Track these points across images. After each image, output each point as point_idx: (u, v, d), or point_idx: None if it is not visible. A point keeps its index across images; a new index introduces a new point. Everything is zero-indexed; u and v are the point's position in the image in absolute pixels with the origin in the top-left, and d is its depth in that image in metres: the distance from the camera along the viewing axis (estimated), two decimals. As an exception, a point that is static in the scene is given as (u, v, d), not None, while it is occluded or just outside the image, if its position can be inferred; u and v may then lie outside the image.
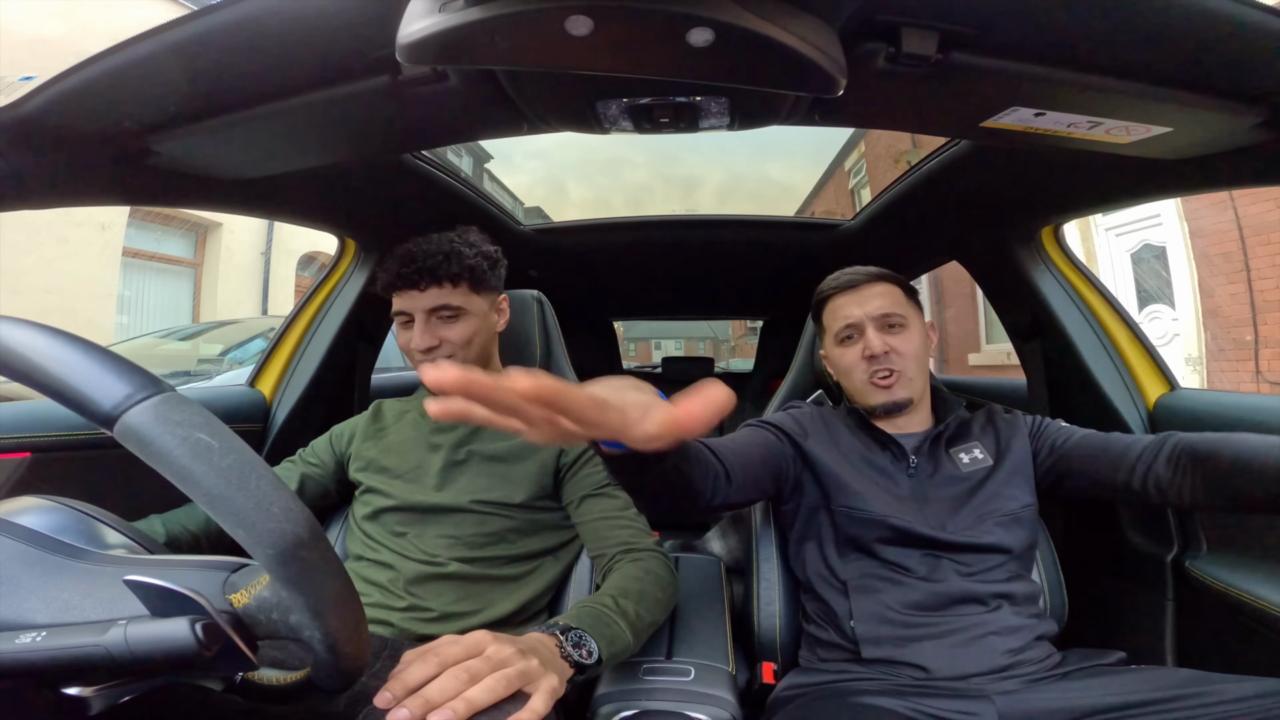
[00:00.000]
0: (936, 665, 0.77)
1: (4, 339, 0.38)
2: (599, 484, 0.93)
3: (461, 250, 0.93)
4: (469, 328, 0.93)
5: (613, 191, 15.34)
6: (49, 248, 4.57)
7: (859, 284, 0.97)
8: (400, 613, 0.85)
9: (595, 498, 0.92)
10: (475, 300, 0.95)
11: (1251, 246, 3.91)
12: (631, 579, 0.80)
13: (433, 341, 0.91)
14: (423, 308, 0.92)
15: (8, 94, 0.65)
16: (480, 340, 0.96)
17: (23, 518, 0.44)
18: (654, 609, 0.79)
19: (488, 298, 0.98)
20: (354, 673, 0.45)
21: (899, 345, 0.93)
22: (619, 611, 0.73)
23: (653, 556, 0.86)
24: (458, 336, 0.92)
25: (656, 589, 0.81)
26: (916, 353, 0.94)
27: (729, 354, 10.51)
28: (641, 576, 0.81)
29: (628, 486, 0.69)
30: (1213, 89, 0.63)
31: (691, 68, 0.56)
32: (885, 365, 0.92)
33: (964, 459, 0.93)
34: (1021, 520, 0.88)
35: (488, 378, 0.35)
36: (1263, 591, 0.84)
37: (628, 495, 0.89)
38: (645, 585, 0.80)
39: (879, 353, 0.92)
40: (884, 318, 0.94)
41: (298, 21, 0.57)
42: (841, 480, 0.90)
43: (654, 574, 0.83)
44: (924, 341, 0.96)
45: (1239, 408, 0.96)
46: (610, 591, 0.77)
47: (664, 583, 0.83)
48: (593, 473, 0.94)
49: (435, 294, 0.91)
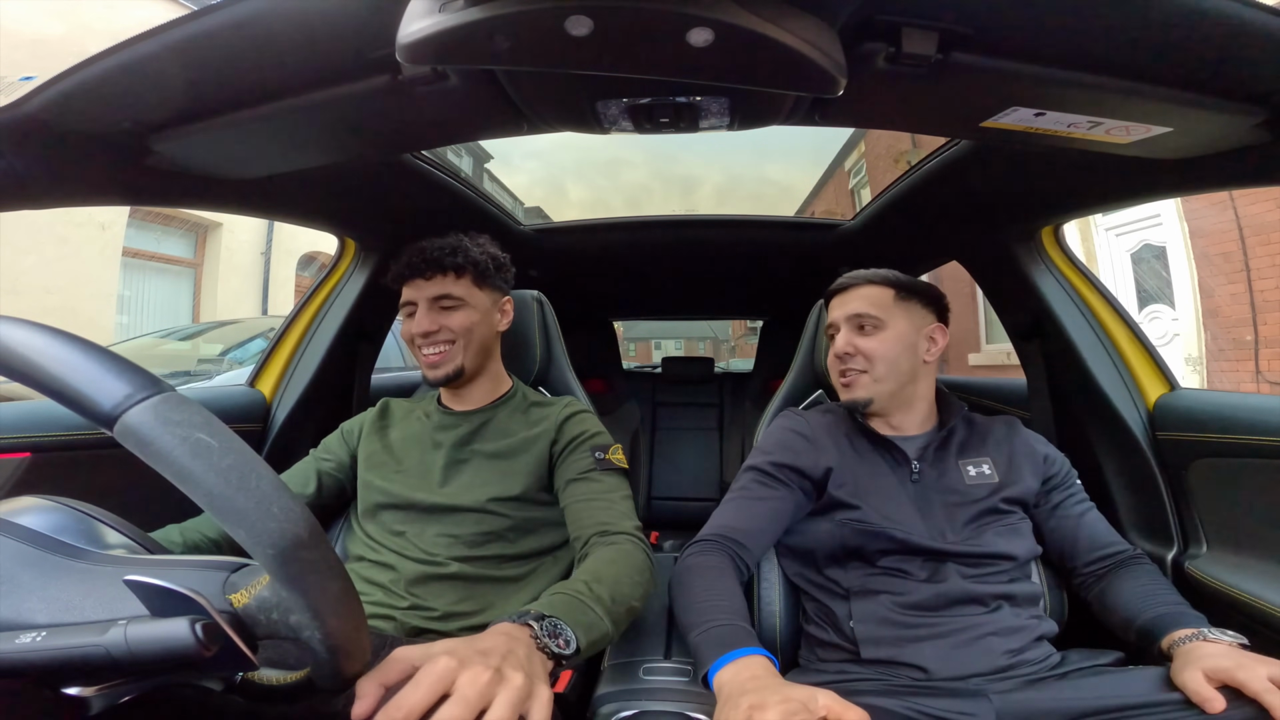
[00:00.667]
0: (935, 666, 0.77)
1: (4, 339, 0.38)
2: (584, 469, 0.93)
3: (469, 247, 0.98)
4: (468, 318, 0.96)
5: (611, 192, 15.35)
6: (49, 248, 4.57)
7: (849, 286, 0.99)
8: (403, 611, 0.86)
9: (578, 482, 0.92)
10: (477, 294, 0.98)
11: (1251, 246, 3.91)
12: (605, 562, 0.78)
13: (432, 326, 0.94)
14: (426, 296, 0.95)
15: (8, 94, 0.65)
16: (480, 334, 0.98)
17: (23, 518, 0.44)
18: (629, 592, 0.76)
19: (490, 295, 1.00)
20: (354, 673, 0.45)
21: (865, 346, 0.94)
22: (594, 598, 0.69)
23: (628, 539, 0.83)
24: (457, 324, 0.95)
25: (632, 571, 0.78)
26: (886, 355, 0.93)
27: (729, 354, 10.50)
28: (615, 559, 0.79)
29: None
30: (1213, 89, 0.63)
31: (691, 68, 0.56)
32: (849, 365, 0.95)
33: (971, 472, 0.92)
34: (1021, 531, 0.89)
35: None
36: (1263, 591, 0.84)
37: (615, 479, 0.91)
38: (619, 569, 0.77)
39: (841, 352, 0.95)
40: (855, 318, 0.95)
41: (298, 21, 0.57)
42: (842, 495, 0.89)
43: (628, 556, 0.80)
44: (903, 344, 0.94)
45: (1239, 408, 0.96)
46: (583, 577, 0.73)
47: (639, 565, 0.80)
48: (580, 459, 0.94)
49: (439, 283, 0.95)
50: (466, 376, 0.98)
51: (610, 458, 0.94)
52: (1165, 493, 1.05)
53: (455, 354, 0.96)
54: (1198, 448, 1.00)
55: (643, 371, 3.09)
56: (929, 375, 0.98)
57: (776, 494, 0.92)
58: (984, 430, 0.98)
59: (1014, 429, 0.98)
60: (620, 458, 0.96)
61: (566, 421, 0.98)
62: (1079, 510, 0.93)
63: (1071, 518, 0.92)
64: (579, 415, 1.00)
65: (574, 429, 0.97)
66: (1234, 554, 0.94)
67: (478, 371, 1.01)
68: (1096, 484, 1.10)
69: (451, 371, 0.96)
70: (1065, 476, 0.95)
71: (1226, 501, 0.97)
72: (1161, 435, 1.07)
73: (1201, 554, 0.98)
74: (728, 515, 0.91)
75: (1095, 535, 0.91)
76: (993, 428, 0.98)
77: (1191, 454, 1.01)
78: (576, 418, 0.99)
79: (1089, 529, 0.92)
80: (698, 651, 0.71)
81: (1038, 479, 0.92)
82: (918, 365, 0.95)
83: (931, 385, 0.99)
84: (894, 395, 0.95)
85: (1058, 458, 0.96)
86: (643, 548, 0.85)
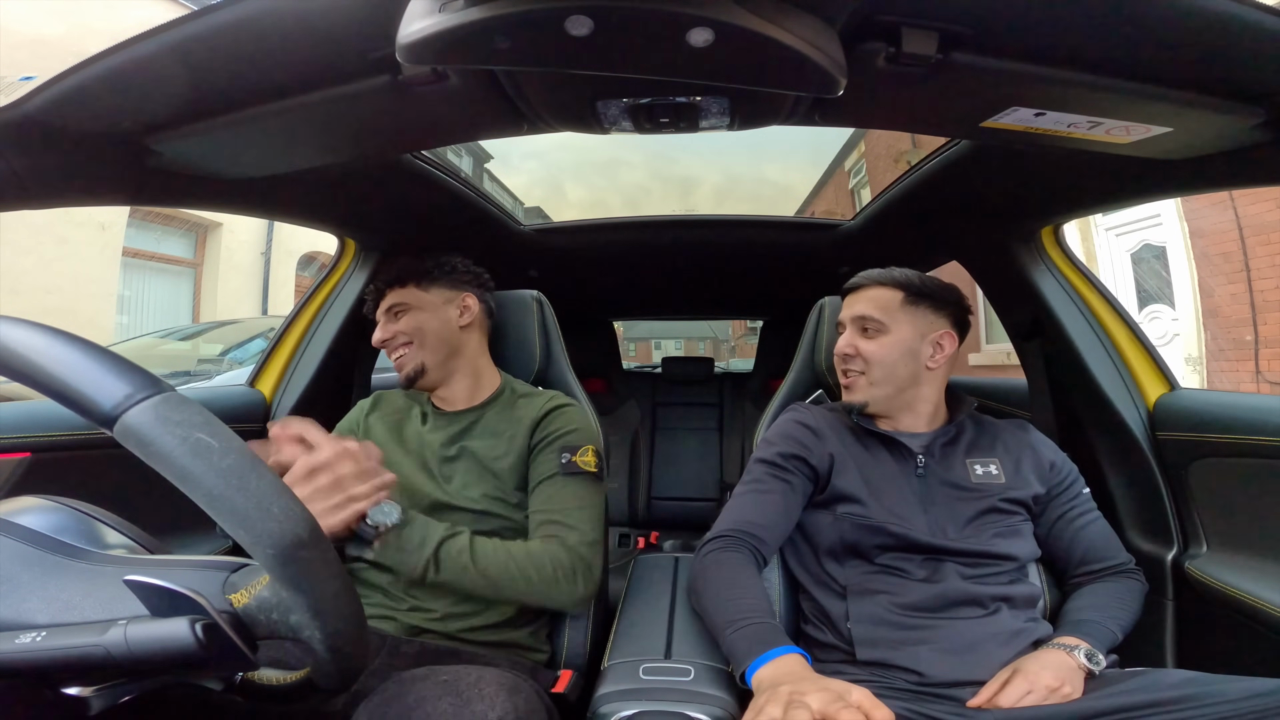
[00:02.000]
0: (931, 670, 0.77)
1: (4, 339, 0.38)
2: (547, 473, 0.92)
3: (413, 260, 1.04)
4: (415, 319, 1.00)
5: (610, 192, 15.34)
6: (49, 248, 4.57)
7: (859, 287, 0.99)
8: (404, 612, 0.86)
9: (543, 484, 0.92)
10: (423, 295, 1.01)
11: (1251, 246, 3.90)
12: (516, 546, 0.85)
13: (386, 334, 1.00)
14: (381, 310, 1.03)
15: (8, 94, 0.65)
16: (435, 330, 1.00)
17: (23, 518, 0.44)
18: (508, 582, 0.82)
19: (441, 293, 1.03)
20: (354, 673, 0.45)
21: (865, 349, 0.94)
22: (464, 549, 0.81)
23: (558, 543, 0.86)
24: (407, 326, 1.00)
25: (528, 567, 0.83)
26: (884, 359, 0.93)
27: (729, 354, 10.49)
28: (528, 550, 0.85)
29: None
30: (1213, 89, 0.63)
31: (691, 68, 0.56)
32: (849, 366, 0.96)
33: (978, 470, 0.92)
34: (1022, 533, 0.89)
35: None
36: (1263, 591, 0.84)
37: (580, 485, 0.92)
38: (519, 558, 0.83)
39: (841, 353, 0.97)
40: (859, 320, 0.96)
41: (298, 22, 0.57)
42: (844, 487, 0.89)
43: (533, 553, 0.84)
44: (903, 350, 0.93)
45: (1239, 408, 0.96)
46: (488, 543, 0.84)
47: (543, 563, 0.83)
48: (547, 460, 0.93)
49: (389, 297, 1.02)
50: (432, 374, 0.99)
51: (578, 460, 0.93)
52: (1165, 493, 1.05)
53: (413, 354, 0.99)
54: (1198, 448, 1.00)
55: (643, 371, 3.09)
56: (935, 380, 0.96)
57: (787, 485, 0.92)
58: (994, 431, 0.97)
59: (1025, 432, 0.98)
60: (589, 459, 0.94)
61: (544, 417, 0.97)
62: (1082, 521, 0.93)
63: (1072, 528, 0.92)
64: (558, 410, 0.98)
65: (549, 425, 0.96)
66: (1234, 554, 0.94)
67: (449, 371, 1.01)
68: (1097, 484, 1.09)
69: (412, 371, 0.99)
70: (1071, 485, 0.95)
71: (1226, 501, 0.97)
72: (1161, 435, 1.07)
73: (1201, 554, 0.98)
74: (744, 509, 0.91)
75: (1092, 548, 0.92)
76: (1003, 429, 0.98)
77: (1191, 454, 1.01)
78: (555, 412, 0.98)
79: (1087, 541, 0.92)
80: (734, 649, 0.74)
81: (1043, 485, 0.92)
82: (919, 371, 0.94)
83: (939, 388, 0.97)
84: (891, 399, 0.95)
85: (1065, 465, 0.96)
86: (571, 553, 0.85)
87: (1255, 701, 0.63)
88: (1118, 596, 0.87)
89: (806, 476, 0.93)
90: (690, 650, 0.83)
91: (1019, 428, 0.99)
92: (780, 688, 0.61)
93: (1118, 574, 0.91)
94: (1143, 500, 1.09)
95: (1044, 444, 0.97)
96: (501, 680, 0.62)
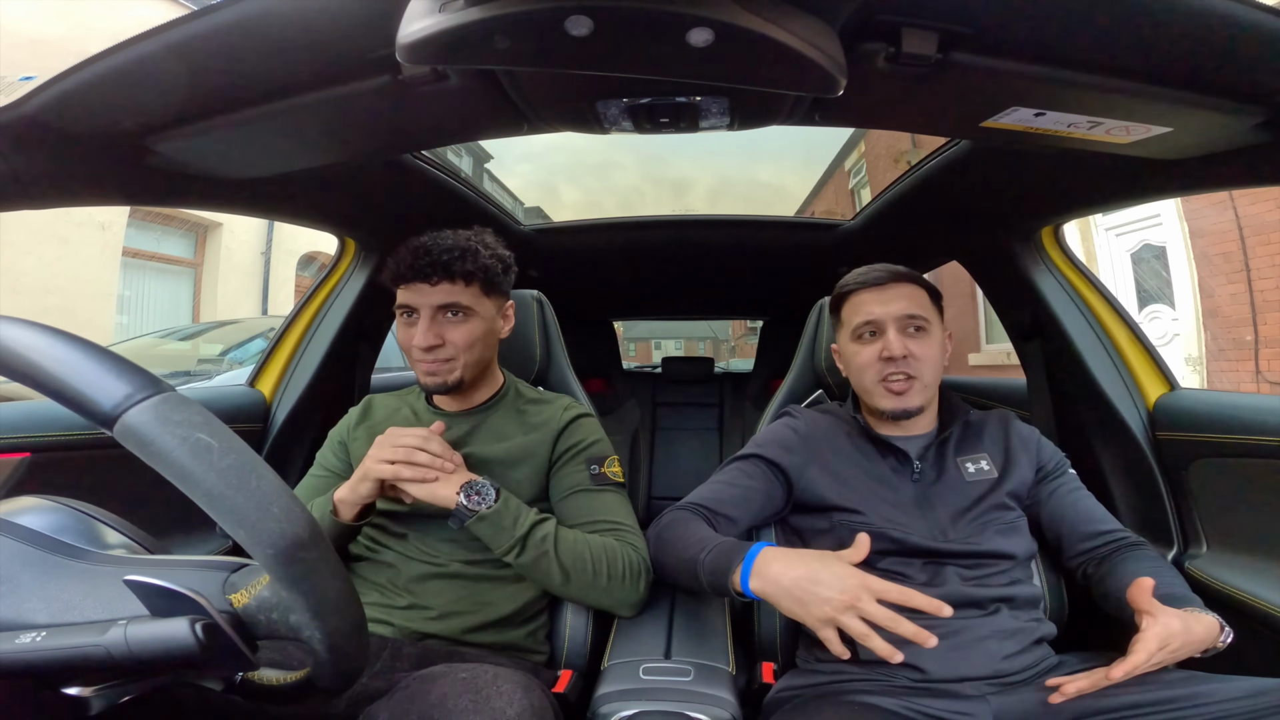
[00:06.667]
0: (933, 667, 0.77)
1: (4, 339, 0.38)
2: (578, 484, 0.92)
3: (478, 249, 0.89)
4: (474, 331, 0.89)
5: (603, 194, 15.33)
6: (49, 248, 4.56)
7: (885, 282, 0.92)
8: (401, 611, 0.85)
9: (576, 495, 0.92)
10: (485, 303, 0.91)
11: (1251, 246, 3.90)
12: (594, 538, 0.86)
13: (436, 340, 0.87)
14: (431, 303, 0.87)
15: (8, 94, 0.65)
16: (482, 346, 0.92)
17: (23, 518, 0.44)
18: (593, 566, 0.83)
19: (496, 302, 0.94)
20: (354, 673, 0.45)
21: (918, 350, 0.89)
22: (546, 535, 0.82)
23: (632, 548, 0.87)
24: (462, 339, 0.88)
25: (608, 560, 0.84)
26: (934, 359, 0.91)
27: (729, 354, 10.49)
28: (605, 545, 0.85)
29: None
30: (1213, 89, 0.63)
31: (691, 68, 0.56)
32: (902, 370, 0.88)
33: (970, 468, 0.91)
34: (1019, 529, 0.89)
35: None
36: (1263, 591, 0.84)
37: (613, 495, 0.93)
38: (600, 549, 0.85)
39: (897, 355, 0.88)
40: (907, 319, 0.89)
41: (298, 21, 0.57)
42: (841, 493, 0.89)
43: (616, 550, 0.86)
44: (942, 348, 0.93)
45: (1239, 408, 0.96)
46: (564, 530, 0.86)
47: (620, 561, 0.85)
48: (575, 471, 0.93)
49: (446, 290, 0.87)
50: (465, 387, 0.93)
51: (606, 471, 0.93)
52: (1165, 493, 1.05)
53: (455, 368, 0.89)
54: (1198, 448, 1.00)
55: (643, 371, 3.09)
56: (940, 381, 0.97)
57: (754, 483, 0.93)
58: (979, 426, 0.97)
59: (1006, 422, 0.98)
60: (617, 470, 0.94)
61: (566, 428, 0.95)
62: (1075, 496, 0.92)
63: (1068, 500, 0.92)
64: (578, 421, 0.97)
65: (572, 436, 0.95)
66: (1234, 554, 0.94)
67: (476, 379, 0.96)
68: (1097, 484, 1.09)
69: (450, 383, 0.90)
70: (1058, 464, 0.95)
71: (1226, 501, 0.97)
72: (1161, 435, 1.07)
73: (1201, 554, 0.98)
74: (703, 492, 0.93)
75: (1090, 515, 0.91)
76: (987, 423, 0.98)
77: (1191, 454, 1.01)
78: (575, 424, 0.97)
79: (1083, 509, 0.91)
80: (715, 564, 0.76)
81: (1032, 469, 0.92)
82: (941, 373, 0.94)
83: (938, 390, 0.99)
84: (933, 399, 0.95)
85: (1048, 445, 0.96)
86: (639, 555, 0.87)
87: (1254, 700, 0.63)
88: (1166, 567, 0.84)
89: (778, 481, 0.94)
90: (690, 650, 0.83)
91: (1000, 419, 0.99)
92: (822, 570, 0.70)
93: (1138, 547, 0.88)
94: (1142, 500, 1.09)
95: (1026, 429, 0.97)
96: (516, 678, 0.63)
